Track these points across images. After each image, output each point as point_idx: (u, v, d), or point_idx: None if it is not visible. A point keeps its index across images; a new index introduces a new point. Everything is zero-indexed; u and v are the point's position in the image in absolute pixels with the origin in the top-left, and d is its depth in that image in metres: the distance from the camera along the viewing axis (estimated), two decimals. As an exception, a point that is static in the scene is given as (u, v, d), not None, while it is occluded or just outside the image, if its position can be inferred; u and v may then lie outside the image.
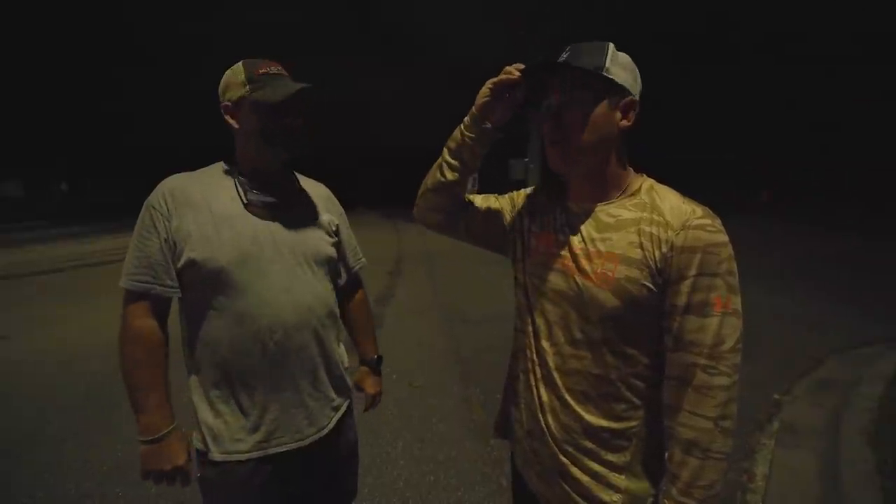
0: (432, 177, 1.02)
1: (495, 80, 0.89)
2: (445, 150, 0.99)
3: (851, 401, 3.05)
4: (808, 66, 23.99)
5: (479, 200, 1.08)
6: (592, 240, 0.85)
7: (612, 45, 0.84)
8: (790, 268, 7.97)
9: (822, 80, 23.79)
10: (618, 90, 0.82)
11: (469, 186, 1.05)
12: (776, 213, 17.93)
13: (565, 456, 0.88)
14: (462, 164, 0.98)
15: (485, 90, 0.90)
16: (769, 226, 14.39)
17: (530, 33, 16.10)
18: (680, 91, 22.70)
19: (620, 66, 0.83)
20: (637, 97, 0.85)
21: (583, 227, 0.88)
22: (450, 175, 0.98)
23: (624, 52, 0.86)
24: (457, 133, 0.97)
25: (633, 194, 0.86)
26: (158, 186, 1.05)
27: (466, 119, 0.95)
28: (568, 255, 0.88)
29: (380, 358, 1.41)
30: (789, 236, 12.32)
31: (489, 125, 0.93)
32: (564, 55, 0.84)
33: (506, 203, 1.07)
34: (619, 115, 0.84)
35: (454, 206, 1.04)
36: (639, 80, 0.86)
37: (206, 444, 1.05)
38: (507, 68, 0.88)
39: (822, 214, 17.16)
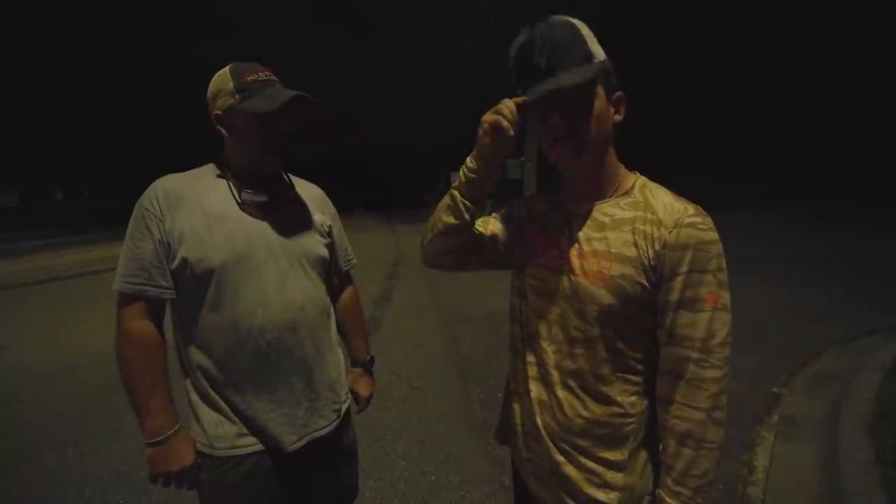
0: (442, 221, 0.95)
1: (493, 122, 0.81)
2: (454, 191, 0.93)
3: (850, 392, 3.06)
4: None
5: (481, 227, 1.03)
6: (589, 240, 0.87)
7: (576, 22, 0.82)
8: (790, 260, 7.98)
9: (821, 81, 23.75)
10: (610, 80, 0.83)
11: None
12: (775, 206, 17.95)
13: (562, 454, 0.88)
14: (474, 203, 0.93)
15: (486, 139, 0.83)
16: (769, 219, 14.41)
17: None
18: (676, 88, 22.73)
19: (595, 41, 0.82)
20: (612, 72, 0.84)
21: (580, 228, 0.89)
22: (466, 215, 0.93)
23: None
24: (462, 175, 0.91)
25: (626, 192, 0.88)
26: (150, 187, 1.05)
27: (470, 162, 0.89)
28: (566, 255, 0.89)
29: (372, 359, 1.42)
30: (789, 229, 12.34)
31: (499, 160, 0.88)
32: (540, 55, 0.78)
33: (506, 218, 1.05)
34: (612, 109, 0.85)
35: (466, 243, 0.99)
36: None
37: (206, 443, 1.05)
38: (504, 108, 0.80)
39: (822, 208, 17.19)
